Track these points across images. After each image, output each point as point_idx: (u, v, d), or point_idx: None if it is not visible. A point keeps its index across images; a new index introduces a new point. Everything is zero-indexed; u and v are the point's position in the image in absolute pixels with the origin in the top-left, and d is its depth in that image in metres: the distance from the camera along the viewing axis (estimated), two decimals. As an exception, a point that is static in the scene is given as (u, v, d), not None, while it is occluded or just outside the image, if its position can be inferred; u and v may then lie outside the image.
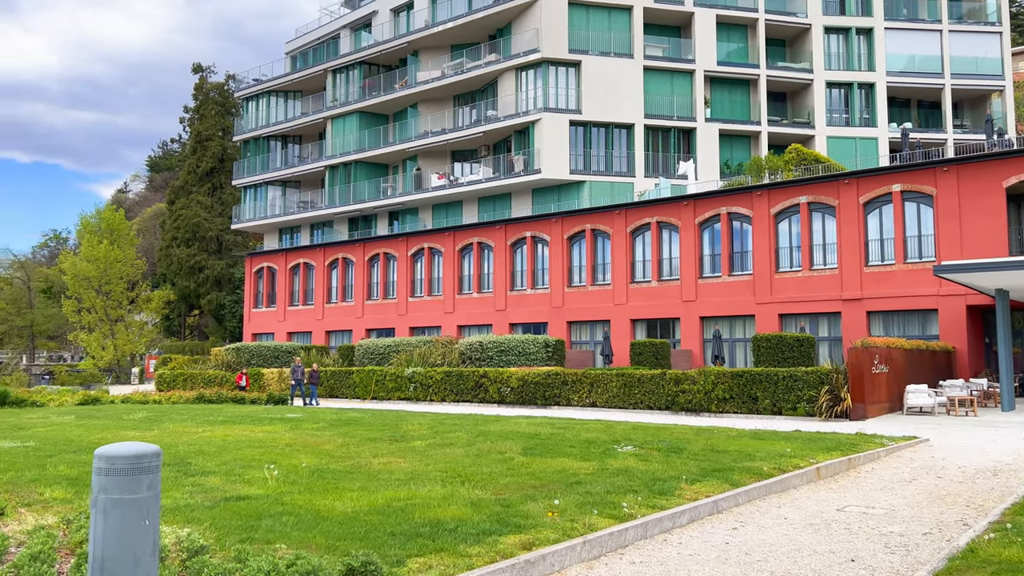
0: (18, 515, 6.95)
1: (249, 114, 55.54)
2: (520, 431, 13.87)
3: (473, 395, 27.71)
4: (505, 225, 39.36)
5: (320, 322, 48.06)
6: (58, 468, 9.46)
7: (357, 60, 49.17)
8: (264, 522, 6.77)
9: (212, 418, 16.79)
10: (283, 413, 18.66)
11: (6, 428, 14.49)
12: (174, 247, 66.72)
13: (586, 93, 40.93)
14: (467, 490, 8.33)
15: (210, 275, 65.61)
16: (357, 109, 48.63)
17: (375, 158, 48.54)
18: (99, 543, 4.18)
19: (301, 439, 12.79)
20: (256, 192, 54.56)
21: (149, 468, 4.30)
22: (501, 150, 44.20)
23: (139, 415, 17.68)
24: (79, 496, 7.77)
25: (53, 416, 17.37)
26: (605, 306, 35.55)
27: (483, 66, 42.92)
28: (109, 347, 58.80)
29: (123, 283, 59.95)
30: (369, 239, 45.95)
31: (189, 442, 12.27)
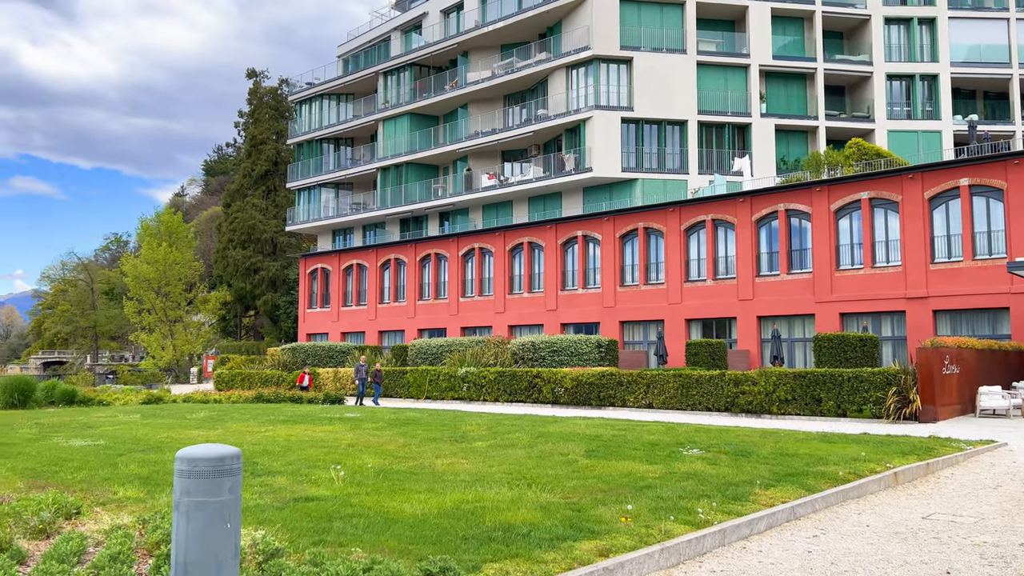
0: (94, 514, 7.02)
1: (302, 117, 56.33)
2: (580, 433, 13.66)
3: (526, 395, 27.57)
4: (556, 224, 39.13)
5: (373, 322, 48.46)
6: (129, 467, 9.58)
7: (408, 62, 49.46)
8: (335, 524, 6.70)
9: (273, 418, 16.96)
10: (341, 413, 18.76)
11: (76, 427, 14.82)
12: (230, 249, 68.07)
13: (638, 90, 40.46)
14: (534, 493, 8.17)
15: (265, 276, 66.79)
16: (408, 111, 48.91)
17: (426, 159, 48.76)
18: (181, 546, 4.13)
19: (362, 439, 12.79)
20: (310, 194, 55.30)
21: (230, 470, 4.24)
22: (551, 149, 43.98)
23: (201, 414, 17.95)
24: (152, 495, 7.83)
25: (120, 415, 17.75)
26: (658, 306, 35.07)
27: (533, 65, 42.77)
28: (168, 347, 60.22)
29: (181, 284, 61.36)
30: (420, 240, 46.17)
31: (253, 442, 12.37)
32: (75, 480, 8.72)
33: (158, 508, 7.20)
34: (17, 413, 18.90)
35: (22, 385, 20.77)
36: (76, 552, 5.51)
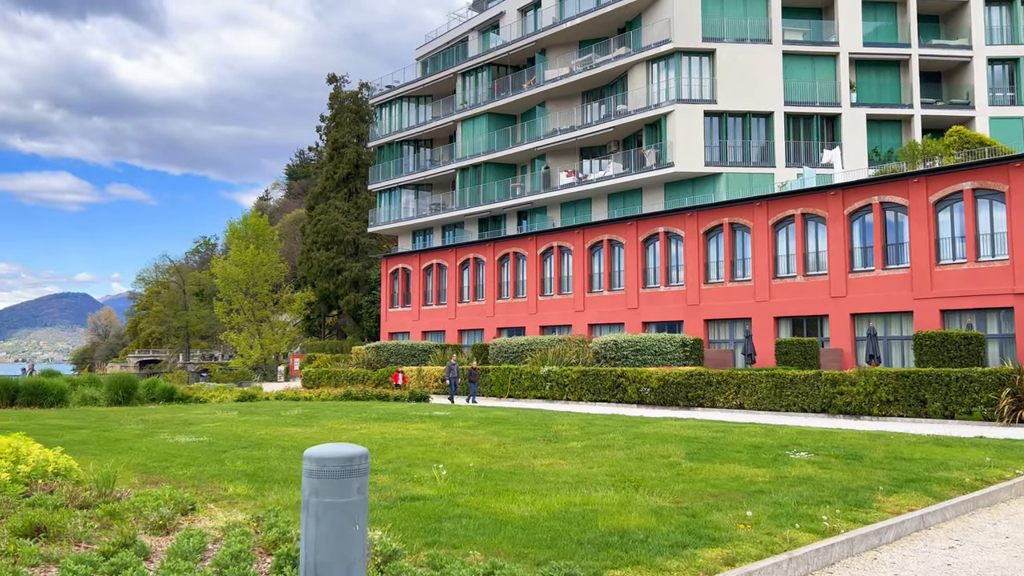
0: (208, 511, 7.10)
1: (383, 120, 57.20)
2: (676, 434, 13.28)
3: (611, 395, 27.20)
4: (636, 221, 38.55)
5: (453, 321, 48.80)
6: (235, 464, 9.74)
7: (485, 62, 49.61)
8: (445, 525, 6.59)
9: (364, 415, 17.13)
10: (431, 411, 18.84)
11: (179, 424, 15.28)
12: (314, 251, 69.73)
13: (721, 82, 39.48)
14: (642, 497, 7.90)
15: (348, 277, 68.15)
16: (486, 111, 49.05)
17: (504, 158, 48.81)
18: (311, 548, 4.05)
19: (456, 438, 12.74)
20: (390, 196, 56.12)
21: (358, 471, 4.14)
22: (631, 145, 43.37)
23: (295, 412, 18.30)
24: (260, 493, 7.90)
25: (218, 412, 18.25)
26: (745, 303, 34.12)
27: (612, 60, 42.25)
28: (256, 346, 62.06)
29: (268, 285, 63.15)
30: (499, 239, 46.23)
31: (349, 439, 12.45)
32: (185, 476, 8.90)
33: (268, 506, 7.24)
34: (122, 409, 19.66)
35: (126, 383, 21.64)
36: (197, 549, 5.54)
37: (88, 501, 7.19)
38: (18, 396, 19.99)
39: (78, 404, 20.73)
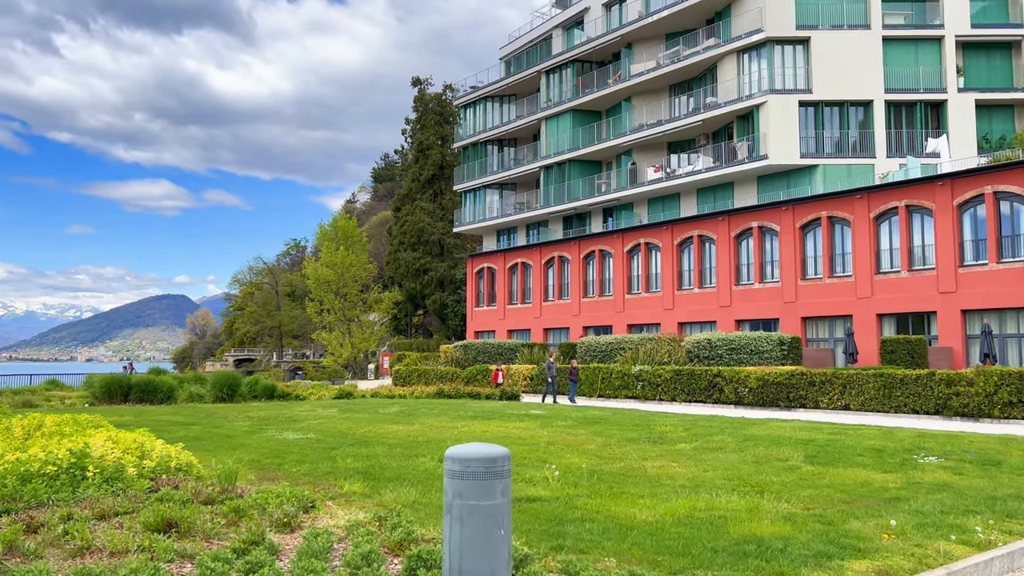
0: (327, 509, 7.10)
1: (467, 121, 57.57)
2: (788, 436, 12.72)
3: (706, 395, 26.50)
4: (728, 216, 37.54)
5: (538, 320, 48.68)
6: (346, 461, 9.79)
7: (570, 59, 49.27)
8: (568, 528, 6.39)
9: (462, 413, 17.13)
10: (526, 409, 18.71)
11: (284, 420, 15.60)
12: (401, 251, 70.87)
13: (816, 71, 38.01)
14: (769, 503, 7.50)
15: (434, 277, 68.98)
16: (570, 108, 48.72)
17: (588, 155, 48.37)
18: (455, 553, 3.90)
19: (559, 437, 12.53)
20: (475, 196, 56.43)
21: (501, 472, 3.97)
22: (722, 138, 42.27)
23: (393, 409, 18.46)
24: (376, 491, 7.87)
25: (318, 409, 18.59)
26: (845, 300, 32.72)
27: (701, 52, 41.26)
28: (347, 344, 63.47)
29: (357, 286, 64.48)
30: (584, 237, 45.83)
31: (452, 437, 12.41)
32: (299, 473, 8.98)
33: (386, 504, 7.19)
34: (227, 406, 20.27)
35: (230, 381, 22.35)
36: (325, 549, 5.50)
37: (212, 497, 7.31)
38: (131, 393, 20.87)
39: (185, 401, 21.50)
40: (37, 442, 9.23)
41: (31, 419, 10.52)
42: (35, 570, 4.87)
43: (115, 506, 6.96)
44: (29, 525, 6.31)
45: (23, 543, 5.75)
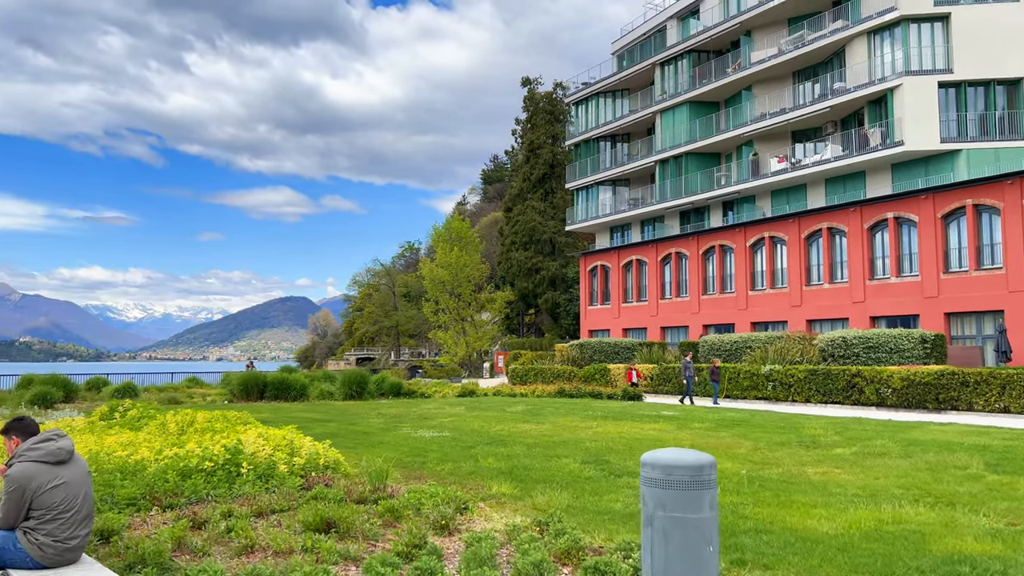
0: (480, 511, 6.85)
1: (579, 118, 57.06)
2: (956, 441, 11.62)
3: (844, 396, 25.01)
4: (861, 207, 35.48)
5: (654, 318, 47.65)
6: (487, 460, 9.57)
7: (685, 50, 47.95)
8: (743, 540, 5.87)
9: (589, 413, 16.72)
10: (656, 410, 18.10)
11: (415, 418, 15.66)
12: (512, 251, 71.13)
13: (957, 49, 35.32)
14: (964, 516, 6.72)
15: (545, 275, 68.87)
16: (687, 100, 47.41)
17: (706, 148, 46.90)
18: (659, 570, 3.50)
19: (701, 440, 11.93)
20: (587, 193, 55.86)
21: (708, 482, 3.54)
22: (851, 125, 40.00)
23: (519, 408, 18.27)
24: (526, 493, 7.58)
25: (446, 407, 18.63)
26: (995, 294, 30.23)
27: (828, 35, 39.17)
28: (461, 344, 64.24)
29: (471, 285, 65.16)
30: (703, 232, 44.49)
31: (588, 438, 12.03)
32: (443, 472, 8.81)
33: (539, 507, 6.89)
34: (357, 403, 20.65)
35: (358, 379, 22.80)
36: (490, 555, 5.22)
37: (364, 496, 7.21)
38: (266, 390, 21.60)
39: (317, 398, 22.06)
40: (192, 438, 9.49)
41: (183, 415, 10.87)
42: (208, 569, 4.82)
43: (271, 503, 6.96)
44: (194, 521, 6.36)
45: (190, 540, 5.77)
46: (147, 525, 6.48)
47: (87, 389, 24.84)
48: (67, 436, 5.07)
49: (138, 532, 6.19)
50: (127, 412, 12.34)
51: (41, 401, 19.23)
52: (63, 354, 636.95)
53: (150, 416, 11.62)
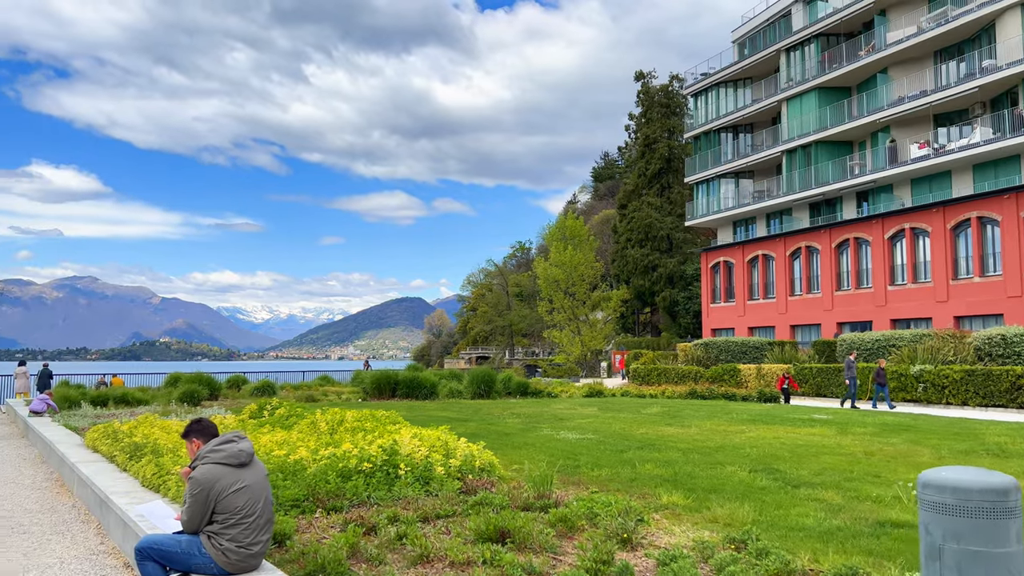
0: (657, 523, 6.34)
1: (698, 110, 55.38)
2: None
3: (1008, 399, 22.89)
4: (1016, 193, 32.63)
5: (783, 316, 45.60)
6: (645, 467, 9.03)
7: (813, 34, 45.62)
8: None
9: (734, 416, 15.86)
10: (806, 413, 16.99)
11: (550, 418, 15.28)
12: (628, 248, 69.97)
13: None
14: None
15: (663, 273, 67.36)
16: (815, 86, 45.07)
17: (837, 136, 44.44)
18: (951, 613, 2.89)
19: (872, 447, 10.94)
20: (708, 187, 54.13)
21: (1015, 510, 2.90)
22: (1003, 105, 36.83)
23: (653, 409, 17.60)
24: (700, 504, 7.01)
25: (578, 407, 18.18)
26: None
27: (975, 10, 36.22)
28: (576, 343, 63.67)
29: (585, 284, 64.49)
30: (835, 224, 42.19)
31: (746, 443, 11.28)
32: (601, 478, 8.35)
33: (719, 519, 6.30)
34: (486, 402, 20.51)
35: (486, 378, 22.69)
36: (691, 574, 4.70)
37: (528, 503, 6.83)
38: (398, 388, 21.80)
39: (446, 397, 22.09)
40: (344, 437, 9.42)
41: (332, 414, 10.87)
42: (391, 581, 4.53)
43: (435, 508, 6.69)
44: (362, 525, 6.16)
45: (364, 546, 5.54)
46: (314, 528, 6.34)
47: (228, 387, 25.90)
48: (247, 438, 4.92)
49: (307, 535, 6.04)
50: (275, 411, 12.53)
51: (188, 399, 20.10)
52: (198, 353, 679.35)
53: (298, 415, 11.74)
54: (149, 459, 8.58)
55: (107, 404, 19.82)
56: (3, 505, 9.25)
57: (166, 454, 8.80)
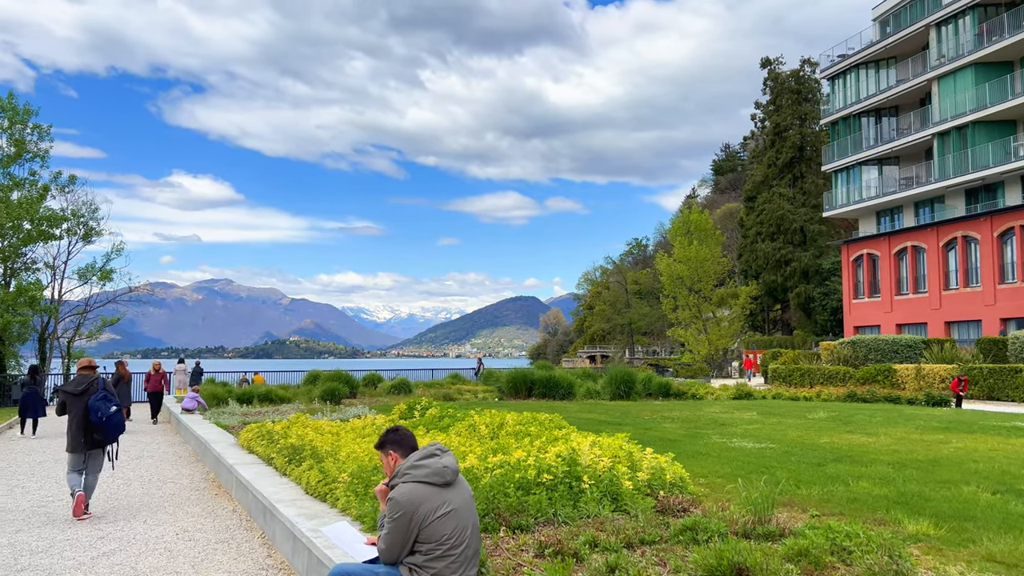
0: (917, 560, 5.18)
1: (835, 94, 52.06)
2: None
3: None
4: None
5: (937, 312, 42.09)
6: (858, 484, 7.78)
7: (968, 5, 41.79)
8: None
9: (919, 423, 14.13)
10: (1001, 420, 15.01)
11: (710, 423, 14.09)
12: (758, 242, 66.94)
13: None
14: None
15: (796, 268, 64.02)
16: (971, 62, 41.28)
17: (998, 115, 40.50)
18: None
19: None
20: (848, 175, 50.77)
21: None
22: None
23: (819, 414, 16.04)
24: (958, 535, 5.78)
25: (734, 411, 16.83)
26: None
27: None
28: (703, 341, 61.34)
29: (712, 280, 62.02)
30: (998, 211, 38.51)
31: (961, 457, 9.74)
32: (813, 498, 7.19)
33: (994, 557, 5.07)
34: (628, 404, 19.46)
35: (626, 377, 21.60)
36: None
37: (747, 529, 5.82)
38: (534, 388, 21.07)
39: (583, 397, 21.18)
40: (508, 443, 8.68)
41: (491, 416, 10.17)
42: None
43: (637, 531, 5.78)
44: (558, 551, 5.34)
45: (574, 580, 4.69)
46: (502, 550, 5.56)
47: (364, 385, 25.99)
48: (449, 452, 4.17)
49: (497, 559, 5.27)
50: (426, 411, 11.99)
51: (330, 397, 20.10)
52: (325, 352, 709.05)
53: (451, 416, 11.10)
54: (310, 464, 8.10)
55: (252, 402, 20.09)
56: (166, 507, 9.06)
57: (326, 458, 8.32)
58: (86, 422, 8.60)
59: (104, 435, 8.65)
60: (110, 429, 8.62)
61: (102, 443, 8.73)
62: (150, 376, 20.98)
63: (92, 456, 8.74)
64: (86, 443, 8.63)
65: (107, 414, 8.53)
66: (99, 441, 8.69)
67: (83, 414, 8.60)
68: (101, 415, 8.51)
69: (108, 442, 8.76)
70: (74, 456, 8.67)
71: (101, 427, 8.56)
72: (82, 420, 8.61)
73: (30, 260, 33.78)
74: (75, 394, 8.69)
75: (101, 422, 8.52)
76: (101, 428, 8.57)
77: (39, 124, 34.14)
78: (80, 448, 8.63)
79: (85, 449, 8.65)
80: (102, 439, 8.69)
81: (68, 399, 8.76)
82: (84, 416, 8.59)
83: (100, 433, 8.62)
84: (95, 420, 8.52)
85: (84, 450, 8.65)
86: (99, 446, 8.73)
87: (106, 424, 8.55)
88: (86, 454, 8.69)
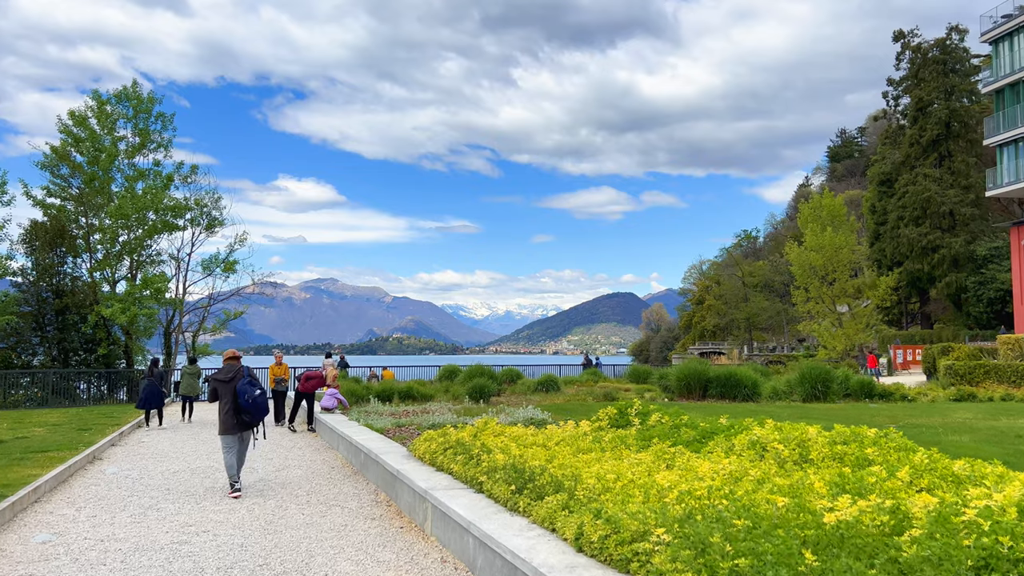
0: None
1: (999, 58, 46.49)
2: None
3: None
4: None
5: None
6: None
7: None
8: None
9: None
10: None
11: (995, 434, 10.90)
12: (900, 227, 61.36)
13: None
14: None
15: (945, 255, 58.23)
16: None
17: None
18: None
19: None
20: (1017, 148, 45.21)
21: None
22: None
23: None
24: None
25: (1002, 418, 13.44)
26: None
27: None
28: (839, 336, 56.58)
29: (847, 270, 57.14)
30: None
31: None
32: None
33: None
34: (831, 407, 16.32)
35: (822, 376, 18.39)
36: None
37: None
38: (709, 387, 18.20)
39: (769, 398, 18.15)
40: (825, 474, 5.92)
41: (789, 431, 7.27)
42: None
43: None
44: None
45: None
46: None
47: (501, 382, 23.72)
48: None
49: None
50: (646, 417, 9.33)
51: (479, 394, 17.80)
52: (426, 348, 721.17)
53: (691, 426, 8.35)
54: (561, 501, 5.56)
55: (392, 399, 18.06)
56: (345, 549, 6.71)
57: (574, 489, 5.77)
58: (236, 405, 9.45)
59: (251, 416, 9.46)
60: (255, 410, 9.43)
61: (250, 424, 9.55)
62: (311, 376, 16.90)
63: (243, 438, 9.63)
64: (237, 424, 9.46)
65: (252, 396, 9.36)
66: (247, 423, 9.51)
67: (232, 398, 9.47)
68: (248, 397, 9.35)
69: (255, 423, 9.60)
70: (227, 437, 9.47)
71: (248, 409, 9.38)
72: (232, 404, 9.46)
73: (155, 252, 33.27)
74: (225, 381, 9.56)
75: (248, 404, 9.36)
76: (248, 410, 9.39)
77: (163, 112, 33.62)
78: (233, 429, 9.45)
79: (238, 431, 9.48)
80: (250, 420, 9.50)
81: (219, 386, 9.58)
82: (234, 400, 9.46)
83: (247, 415, 9.43)
84: (243, 403, 9.36)
85: (237, 431, 9.47)
86: (248, 427, 9.56)
87: (252, 406, 9.37)
88: (239, 435, 9.53)
